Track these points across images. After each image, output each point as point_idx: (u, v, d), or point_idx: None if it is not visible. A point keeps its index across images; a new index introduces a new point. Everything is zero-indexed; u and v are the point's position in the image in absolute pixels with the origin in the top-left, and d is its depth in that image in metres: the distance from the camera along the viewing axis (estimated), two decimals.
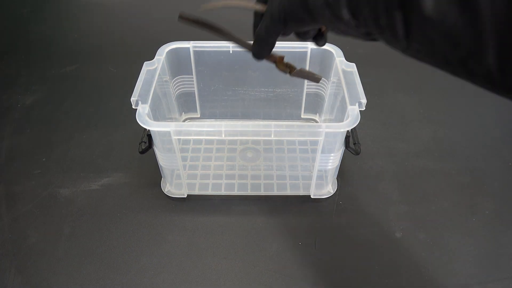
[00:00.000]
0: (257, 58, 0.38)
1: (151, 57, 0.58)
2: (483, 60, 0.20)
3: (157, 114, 0.56)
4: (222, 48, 0.61)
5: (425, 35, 0.22)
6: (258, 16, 0.36)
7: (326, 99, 0.65)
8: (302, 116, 0.71)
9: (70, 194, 0.60)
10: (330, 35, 0.35)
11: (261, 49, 0.37)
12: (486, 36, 0.19)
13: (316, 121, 0.71)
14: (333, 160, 0.54)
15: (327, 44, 0.62)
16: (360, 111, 0.50)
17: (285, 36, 0.35)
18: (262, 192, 0.60)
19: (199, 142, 0.67)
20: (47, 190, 0.60)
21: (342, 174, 0.63)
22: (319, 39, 0.37)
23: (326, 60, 0.62)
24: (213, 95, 0.68)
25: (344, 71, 0.56)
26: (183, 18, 0.37)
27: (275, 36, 0.34)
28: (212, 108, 0.70)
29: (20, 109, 0.75)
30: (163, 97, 0.61)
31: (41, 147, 0.67)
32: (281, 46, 0.60)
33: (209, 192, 0.60)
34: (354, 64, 0.56)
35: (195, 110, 0.70)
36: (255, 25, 0.37)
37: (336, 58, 0.58)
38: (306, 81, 0.65)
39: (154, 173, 0.61)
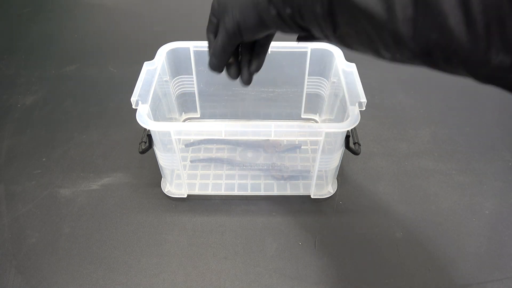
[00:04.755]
0: (217, 71, 0.41)
1: (151, 57, 0.58)
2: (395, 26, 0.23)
3: (157, 114, 0.56)
4: None
5: (351, 18, 0.26)
6: (210, 32, 0.40)
7: (326, 99, 0.65)
8: (302, 116, 0.71)
9: (70, 194, 0.60)
10: None
11: (220, 62, 0.40)
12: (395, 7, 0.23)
13: (316, 121, 0.71)
14: (333, 160, 0.54)
15: (327, 44, 0.62)
16: (360, 111, 0.50)
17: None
18: (262, 192, 0.60)
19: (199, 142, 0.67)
20: (47, 190, 0.60)
21: (342, 174, 0.63)
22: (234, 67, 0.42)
23: (326, 60, 0.62)
24: (213, 95, 0.68)
25: (344, 71, 0.56)
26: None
27: (232, 48, 0.39)
28: (212, 108, 0.70)
29: (20, 109, 0.75)
30: (163, 97, 0.61)
31: (41, 147, 0.67)
32: (282, 46, 0.60)
33: (209, 192, 0.60)
34: (354, 64, 0.56)
35: (195, 110, 0.70)
36: (209, 41, 0.41)
37: (336, 58, 0.58)
38: (306, 81, 0.65)
39: (154, 173, 0.61)
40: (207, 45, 0.41)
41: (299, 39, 0.36)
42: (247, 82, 0.43)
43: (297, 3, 0.30)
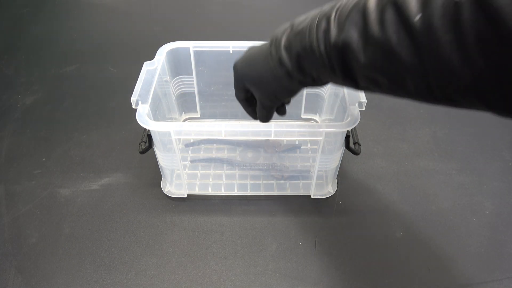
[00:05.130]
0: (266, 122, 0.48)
1: (151, 57, 0.58)
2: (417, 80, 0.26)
3: (157, 114, 0.56)
4: (222, 48, 0.61)
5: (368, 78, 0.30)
6: (245, 103, 0.46)
7: (326, 99, 0.65)
8: (302, 116, 0.71)
9: (70, 194, 0.60)
10: None
11: (266, 120, 0.47)
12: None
13: (316, 121, 0.71)
14: (333, 160, 0.54)
15: None
16: (360, 111, 0.50)
17: None
18: (262, 192, 0.60)
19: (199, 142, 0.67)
20: (47, 190, 0.60)
21: (342, 174, 0.63)
22: (281, 110, 0.48)
23: None
24: (213, 95, 0.68)
25: None
26: None
27: (272, 112, 0.46)
28: (212, 108, 0.70)
29: (20, 109, 0.75)
30: (163, 97, 0.61)
31: (41, 147, 0.67)
32: None
33: (209, 192, 0.60)
34: None
35: (195, 110, 0.70)
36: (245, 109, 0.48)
37: None
38: None
39: (154, 173, 0.61)
40: (244, 108, 0.47)
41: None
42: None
43: (313, 74, 0.34)
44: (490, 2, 0.20)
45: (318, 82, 0.36)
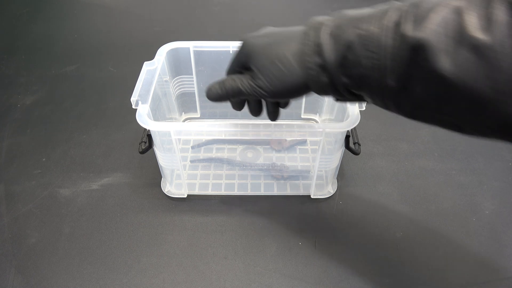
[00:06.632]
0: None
1: (151, 57, 0.58)
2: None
3: (157, 114, 0.56)
4: (222, 48, 0.61)
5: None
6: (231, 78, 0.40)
7: (326, 99, 0.65)
8: (302, 116, 0.71)
9: (70, 194, 0.60)
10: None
11: (256, 115, 0.44)
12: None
13: (316, 121, 0.71)
14: (333, 160, 0.54)
15: None
16: (360, 111, 0.50)
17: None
18: (262, 192, 0.60)
19: (199, 142, 0.67)
20: (47, 190, 0.60)
21: (342, 174, 0.63)
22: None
23: None
24: None
25: None
26: None
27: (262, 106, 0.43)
28: (212, 108, 0.70)
29: (20, 109, 0.75)
30: (163, 97, 0.61)
31: (41, 147, 0.67)
32: None
33: (209, 192, 0.60)
34: None
35: (195, 110, 0.70)
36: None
37: None
38: None
39: (154, 173, 0.61)
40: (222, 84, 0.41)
41: (339, 100, 0.35)
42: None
43: (358, 74, 0.28)
44: None
45: (347, 89, 0.30)
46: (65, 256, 0.52)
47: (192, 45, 0.61)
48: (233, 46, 0.60)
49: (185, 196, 0.59)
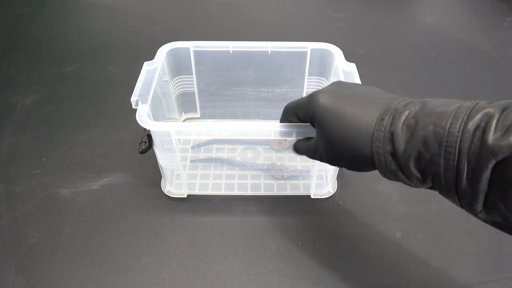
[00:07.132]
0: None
1: (151, 57, 0.58)
2: None
3: (157, 114, 0.56)
4: (222, 48, 0.61)
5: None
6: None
7: None
8: None
9: (70, 194, 0.60)
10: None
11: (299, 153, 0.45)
12: None
13: None
14: None
15: (327, 44, 0.62)
16: None
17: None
18: (262, 192, 0.60)
19: (199, 142, 0.67)
20: (47, 190, 0.60)
21: (342, 174, 0.63)
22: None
23: (326, 60, 0.62)
24: (213, 95, 0.68)
25: (344, 71, 0.56)
26: None
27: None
28: (212, 108, 0.70)
29: (20, 109, 0.75)
30: (163, 97, 0.61)
31: (41, 147, 0.67)
32: (282, 46, 0.60)
33: (209, 192, 0.60)
34: (354, 64, 0.56)
35: (195, 110, 0.70)
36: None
37: (336, 58, 0.58)
38: (306, 81, 0.65)
39: (154, 173, 0.61)
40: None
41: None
42: None
43: (431, 171, 0.27)
44: None
45: (415, 176, 0.29)
46: (65, 256, 0.52)
47: (192, 45, 0.61)
48: (233, 46, 0.60)
49: (185, 196, 0.59)
